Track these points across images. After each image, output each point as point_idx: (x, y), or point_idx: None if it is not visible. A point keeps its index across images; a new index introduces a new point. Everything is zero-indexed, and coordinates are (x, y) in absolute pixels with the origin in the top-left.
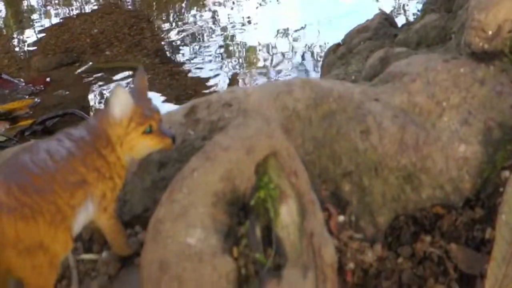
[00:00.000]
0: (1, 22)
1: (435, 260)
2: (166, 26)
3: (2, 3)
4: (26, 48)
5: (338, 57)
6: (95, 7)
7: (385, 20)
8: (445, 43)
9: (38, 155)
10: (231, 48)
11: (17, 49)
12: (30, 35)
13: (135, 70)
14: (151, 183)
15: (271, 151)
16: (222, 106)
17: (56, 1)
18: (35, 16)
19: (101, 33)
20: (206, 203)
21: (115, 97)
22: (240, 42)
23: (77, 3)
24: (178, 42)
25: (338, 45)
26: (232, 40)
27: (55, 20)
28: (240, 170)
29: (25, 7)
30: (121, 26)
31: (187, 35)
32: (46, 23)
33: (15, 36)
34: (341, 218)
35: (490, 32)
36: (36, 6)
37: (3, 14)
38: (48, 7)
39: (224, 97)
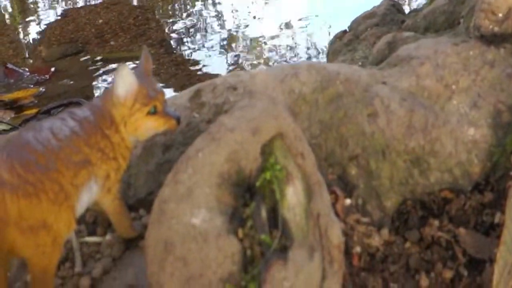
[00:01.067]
0: (7, 13)
1: (444, 244)
2: (171, 16)
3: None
4: (31, 38)
5: (345, 44)
6: None
7: (392, 6)
8: (453, 28)
9: (41, 133)
10: (235, 39)
11: (22, 39)
12: (35, 26)
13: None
14: (155, 166)
15: (277, 132)
16: (227, 89)
17: None
18: (40, 6)
19: (106, 24)
20: (211, 184)
21: (119, 76)
22: (245, 33)
23: None
24: (183, 33)
25: (344, 32)
26: (236, 31)
27: (60, 11)
28: (246, 151)
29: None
30: (126, 17)
31: (192, 26)
32: (51, 14)
33: (20, 26)
34: (348, 201)
35: (500, 15)
36: (42, 3)
37: (8, 5)
38: (53, 3)
39: (229, 80)
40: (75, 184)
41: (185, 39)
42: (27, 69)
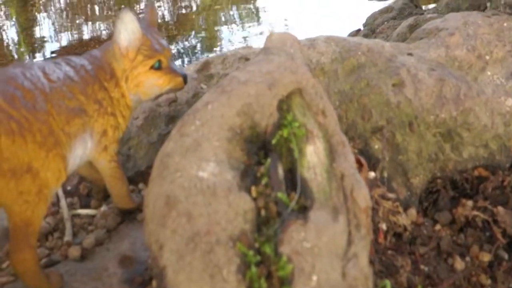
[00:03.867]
0: (14, 48)
1: (479, 225)
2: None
3: (15, 30)
4: None
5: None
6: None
7: (410, 1)
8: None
9: (30, 70)
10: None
11: None
12: (40, 58)
13: None
14: (158, 137)
15: (295, 87)
16: (238, 60)
17: (69, 26)
18: (47, 38)
19: None
20: (220, 137)
21: (121, 23)
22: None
23: (89, 27)
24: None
25: (358, 31)
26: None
27: (64, 43)
28: (260, 105)
29: (38, 35)
30: None
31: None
32: (57, 47)
33: (27, 59)
34: (372, 174)
35: None
36: (48, 33)
37: (15, 37)
38: (61, 34)
39: (241, 51)
40: (67, 132)
41: None
42: None
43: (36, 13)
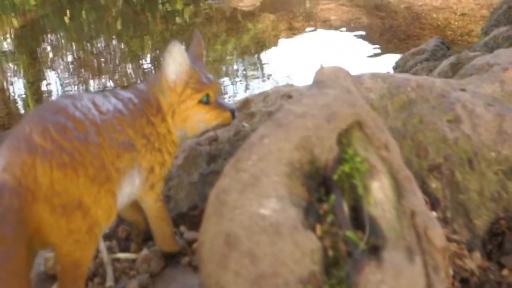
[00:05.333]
0: (21, 103)
1: None
2: None
3: (22, 83)
4: None
5: None
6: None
7: (442, 43)
8: None
9: (81, 101)
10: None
11: None
12: None
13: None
14: (199, 177)
15: (355, 120)
16: (281, 97)
17: (75, 80)
18: (53, 93)
19: None
20: (279, 172)
21: (169, 55)
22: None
23: (95, 81)
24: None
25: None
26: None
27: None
28: (319, 139)
29: (45, 89)
30: None
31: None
32: None
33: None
34: (434, 214)
35: None
36: (55, 87)
37: (22, 91)
38: (67, 88)
39: (283, 89)
40: (117, 167)
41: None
42: None
43: (44, 68)
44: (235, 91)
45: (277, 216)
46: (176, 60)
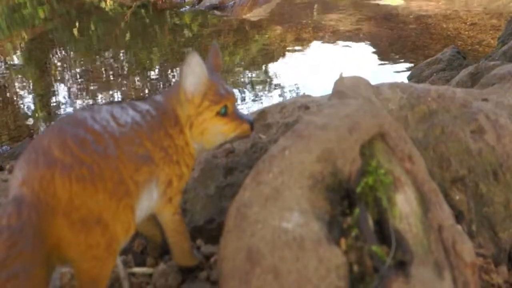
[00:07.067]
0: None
1: None
2: None
3: (32, 96)
4: None
5: None
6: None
7: (458, 53)
8: None
9: (100, 113)
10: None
11: None
12: None
13: None
14: (215, 190)
15: (377, 131)
16: (298, 108)
17: (84, 93)
18: (62, 106)
19: None
20: (302, 185)
21: (187, 67)
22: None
23: (103, 94)
24: None
25: None
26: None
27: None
28: (342, 150)
29: (54, 100)
30: None
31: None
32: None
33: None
34: (459, 227)
35: None
36: (63, 99)
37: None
38: (76, 100)
39: (300, 100)
40: (135, 180)
41: None
42: None
43: (53, 81)
44: (244, 101)
45: (300, 230)
46: (195, 72)
